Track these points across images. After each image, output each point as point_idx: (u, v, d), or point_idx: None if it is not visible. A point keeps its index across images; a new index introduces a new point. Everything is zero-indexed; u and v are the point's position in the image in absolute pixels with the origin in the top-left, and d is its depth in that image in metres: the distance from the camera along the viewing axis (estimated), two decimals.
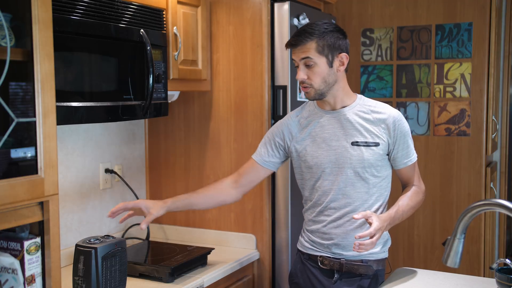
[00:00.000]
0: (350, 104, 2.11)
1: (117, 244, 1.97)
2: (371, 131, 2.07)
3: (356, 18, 3.37)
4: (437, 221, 3.23)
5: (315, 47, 2.01)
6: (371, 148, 2.05)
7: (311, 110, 2.18)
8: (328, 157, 2.09)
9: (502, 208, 1.60)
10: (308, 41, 2.01)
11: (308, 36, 2.01)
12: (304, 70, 2.04)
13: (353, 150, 2.06)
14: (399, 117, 2.09)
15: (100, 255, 1.90)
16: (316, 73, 2.03)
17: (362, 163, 2.05)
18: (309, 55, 2.01)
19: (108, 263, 1.93)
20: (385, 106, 2.12)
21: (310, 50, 2.01)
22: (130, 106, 2.18)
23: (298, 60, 2.04)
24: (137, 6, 2.22)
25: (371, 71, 3.38)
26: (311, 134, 2.14)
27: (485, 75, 3.12)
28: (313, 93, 2.06)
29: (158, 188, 2.91)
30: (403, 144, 2.09)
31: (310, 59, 2.01)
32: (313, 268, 2.17)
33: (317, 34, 2.01)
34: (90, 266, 1.89)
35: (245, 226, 2.71)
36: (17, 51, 1.52)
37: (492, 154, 3.38)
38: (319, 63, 2.02)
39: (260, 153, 2.24)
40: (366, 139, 2.06)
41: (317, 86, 2.04)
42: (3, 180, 1.46)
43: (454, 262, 1.71)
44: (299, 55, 2.03)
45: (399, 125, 2.07)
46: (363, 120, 2.08)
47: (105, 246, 1.92)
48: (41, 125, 1.54)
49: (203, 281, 2.26)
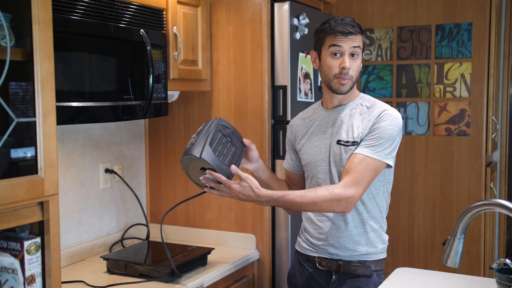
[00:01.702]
0: (351, 102, 2.11)
1: (237, 133, 2.09)
2: (356, 129, 2.03)
3: (356, 18, 3.32)
4: (437, 221, 3.23)
5: (362, 40, 2.05)
6: (349, 148, 2.02)
7: (315, 109, 2.19)
8: (320, 155, 2.10)
9: (502, 208, 1.60)
10: (358, 33, 2.04)
11: (358, 29, 2.04)
12: (349, 60, 2.02)
13: (336, 148, 2.05)
14: (388, 113, 2.00)
15: (219, 122, 2.03)
16: (358, 65, 2.05)
17: (341, 162, 2.04)
18: (359, 45, 2.03)
19: (223, 139, 2.01)
20: (377, 101, 2.09)
21: (360, 42, 2.04)
22: (130, 106, 2.18)
23: (347, 49, 2.01)
24: (137, 6, 2.22)
25: (371, 71, 3.38)
26: (309, 132, 2.15)
27: (485, 75, 3.12)
28: (349, 86, 2.04)
29: (158, 188, 2.92)
30: (374, 136, 1.98)
31: (359, 49, 2.03)
32: (311, 269, 2.16)
33: (360, 30, 2.05)
34: (206, 126, 2.00)
35: (245, 226, 2.71)
36: (17, 51, 1.52)
37: (492, 154, 3.38)
38: (360, 56, 2.06)
39: (288, 161, 2.28)
40: (348, 138, 2.03)
41: (355, 78, 2.05)
42: (3, 180, 1.46)
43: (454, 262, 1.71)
44: (350, 44, 2.01)
45: (383, 119, 1.99)
46: (353, 118, 2.06)
47: (226, 122, 2.06)
48: (41, 125, 1.54)
49: (203, 281, 2.26)
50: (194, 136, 2.00)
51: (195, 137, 1.99)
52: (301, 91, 2.73)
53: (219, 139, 1.99)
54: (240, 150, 2.08)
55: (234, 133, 2.08)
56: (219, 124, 2.03)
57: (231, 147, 2.03)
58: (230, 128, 2.07)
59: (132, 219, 2.81)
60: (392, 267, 2.30)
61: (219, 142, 1.99)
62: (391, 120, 2.00)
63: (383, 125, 1.99)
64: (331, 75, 2.03)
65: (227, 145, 2.01)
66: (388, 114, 2.01)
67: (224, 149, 2.00)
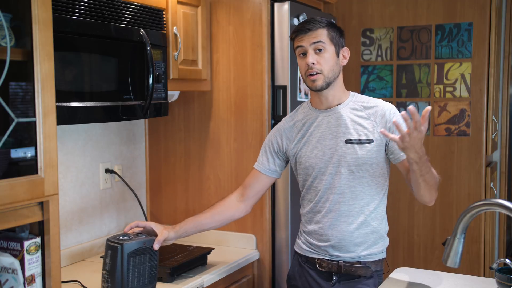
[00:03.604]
0: (344, 101, 2.11)
1: (146, 242, 1.98)
2: (365, 127, 2.05)
3: (356, 18, 3.37)
4: (437, 221, 3.23)
5: (327, 34, 2.04)
6: (364, 145, 2.04)
7: (305, 111, 2.17)
8: (323, 157, 2.09)
9: (502, 208, 1.60)
10: (319, 27, 2.03)
11: (319, 24, 2.03)
12: (313, 55, 2.03)
13: (347, 148, 2.05)
14: (392, 110, 2.07)
15: (126, 251, 1.92)
16: (326, 59, 2.03)
17: (357, 161, 2.04)
18: (321, 40, 2.02)
19: (136, 260, 1.95)
20: (377, 100, 2.11)
21: (322, 36, 2.03)
22: (130, 106, 2.18)
23: (308, 45, 2.02)
24: (137, 6, 2.22)
25: (371, 71, 3.38)
26: (306, 135, 2.13)
27: (485, 75, 3.12)
28: (321, 80, 2.03)
29: (158, 188, 2.92)
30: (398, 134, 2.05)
31: (322, 43, 2.02)
32: (311, 271, 2.15)
33: (326, 24, 2.04)
34: (115, 261, 1.92)
35: (245, 226, 2.71)
36: (17, 51, 1.52)
37: (492, 154, 3.37)
38: (329, 49, 2.04)
39: (262, 162, 2.22)
40: (360, 136, 2.05)
41: (326, 72, 2.03)
42: (3, 180, 1.46)
43: (454, 262, 1.71)
44: (310, 40, 2.02)
45: (393, 117, 2.03)
46: (357, 117, 2.07)
47: (133, 243, 1.94)
48: (41, 125, 1.54)
49: (203, 281, 2.26)
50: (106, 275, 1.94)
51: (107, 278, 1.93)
52: (301, 91, 2.73)
53: (132, 269, 1.95)
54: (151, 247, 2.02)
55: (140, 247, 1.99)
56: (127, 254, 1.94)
57: (145, 261, 1.99)
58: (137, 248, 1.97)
59: (132, 219, 2.81)
60: (392, 267, 2.30)
61: (133, 272, 1.95)
62: (398, 114, 2.05)
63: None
64: (303, 75, 2.08)
65: (140, 266, 1.97)
66: (391, 111, 2.06)
67: (140, 269, 1.97)
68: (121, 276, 1.91)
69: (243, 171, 2.67)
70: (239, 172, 2.70)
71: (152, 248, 2.01)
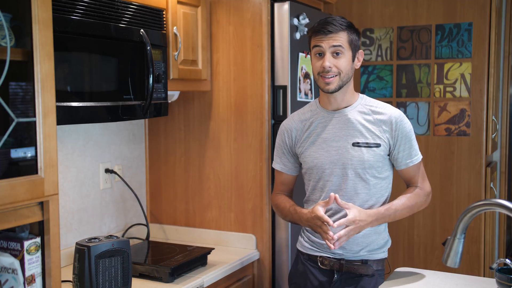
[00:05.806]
0: (352, 104, 2.11)
1: (115, 244, 1.96)
2: (372, 131, 2.06)
3: (356, 18, 3.37)
4: (437, 221, 3.23)
5: (346, 38, 2.03)
6: (372, 149, 2.05)
7: (313, 110, 2.17)
8: (329, 158, 2.09)
9: (502, 208, 1.60)
10: (340, 30, 2.02)
11: (340, 27, 2.02)
12: (330, 59, 2.02)
13: (354, 151, 2.05)
14: (400, 117, 2.08)
15: (93, 254, 1.90)
16: (343, 63, 2.03)
17: (363, 164, 2.05)
18: (341, 44, 2.02)
19: (106, 263, 1.93)
20: (386, 106, 2.11)
21: (342, 40, 2.02)
22: (130, 106, 2.18)
23: (327, 48, 2.02)
24: (137, 6, 2.22)
25: (371, 71, 3.38)
26: (312, 135, 2.14)
27: (485, 75, 3.12)
28: (335, 84, 2.04)
29: (158, 188, 2.92)
30: (405, 145, 2.08)
31: (341, 48, 2.02)
32: (313, 269, 2.16)
33: (346, 27, 2.03)
34: (83, 265, 1.91)
35: (245, 226, 2.71)
36: (17, 51, 1.52)
37: (492, 154, 3.37)
38: (347, 54, 2.03)
39: (286, 164, 2.23)
40: (367, 139, 2.06)
41: (342, 76, 2.03)
42: (3, 180, 1.46)
43: (454, 262, 1.71)
44: (330, 43, 2.01)
45: (401, 125, 2.06)
46: (365, 120, 2.08)
47: (100, 246, 1.92)
48: (41, 125, 1.54)
49: (203, 281, 2.26)
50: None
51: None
52: (301, 91, 2.73)
53: (102, 271, 1.94)
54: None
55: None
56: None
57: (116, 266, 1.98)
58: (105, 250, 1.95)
59: (132, 219, 2.81)
60: (392, 267, 2.30)
61: (103, 275, 1.94)
62: (406, 123, 2.09)
63: (405, 132, 2.08)
64: (316, 75, 2.08)
65: (111, 268, 1.97)
66: (399, 120, 2.08)
67: (111, 272, 1.96)
68: (90, 279, 1.90)
69: (243, 171, 2.67)
70: (239, 172, 2.70)
71: (124, 250, 2.00)
